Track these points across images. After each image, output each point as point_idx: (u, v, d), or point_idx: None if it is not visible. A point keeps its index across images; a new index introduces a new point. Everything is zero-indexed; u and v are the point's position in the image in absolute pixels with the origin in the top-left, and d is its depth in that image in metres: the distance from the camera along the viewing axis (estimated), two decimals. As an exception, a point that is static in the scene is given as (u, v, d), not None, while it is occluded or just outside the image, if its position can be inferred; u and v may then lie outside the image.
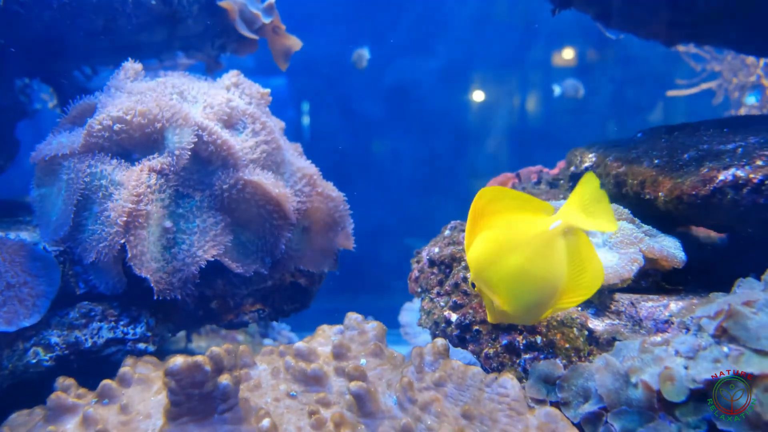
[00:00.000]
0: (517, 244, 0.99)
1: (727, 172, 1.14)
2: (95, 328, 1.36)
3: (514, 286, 1.01)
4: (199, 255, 1.38)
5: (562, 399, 1.05)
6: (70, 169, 1.36)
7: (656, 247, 1.20)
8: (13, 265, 1.32)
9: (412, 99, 4.80)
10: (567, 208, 0.97)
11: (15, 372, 1.28)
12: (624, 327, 1.14)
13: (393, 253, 4.47)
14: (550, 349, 1.14)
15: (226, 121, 1.50)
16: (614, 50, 4.63)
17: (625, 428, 0.94)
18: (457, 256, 1.42)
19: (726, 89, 3.54)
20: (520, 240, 0.99)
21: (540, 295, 1.00)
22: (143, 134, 1.39)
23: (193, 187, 1.43)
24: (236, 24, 1.97)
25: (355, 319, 1.30)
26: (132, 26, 1.76)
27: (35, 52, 1.87)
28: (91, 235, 1.33)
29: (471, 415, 1.04)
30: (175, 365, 0.93)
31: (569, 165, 1.74)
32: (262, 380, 1.19)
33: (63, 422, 1.10)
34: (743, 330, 0.91)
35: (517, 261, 0.99)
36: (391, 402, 1.09)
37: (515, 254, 0.99)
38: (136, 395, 1.16)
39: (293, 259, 1.62)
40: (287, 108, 4.69)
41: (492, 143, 4.88)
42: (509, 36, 4.87)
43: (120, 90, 1.50)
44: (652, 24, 2.04)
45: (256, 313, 1.62)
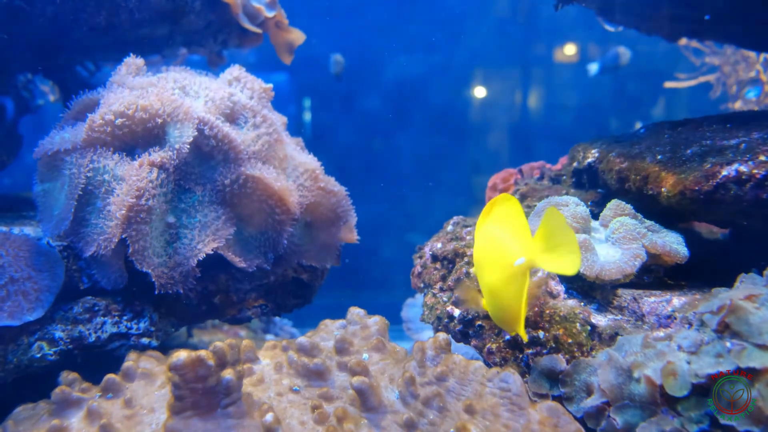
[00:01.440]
0: (494, 264, 1.05)
1: (731, 168, 1.14)
2: (99, 322, 1.37)
3: (488, 298, 1.09)
4: (198, 248, 1.38)
5: (564, 394, 1.06)
6: (72, 164, 1.37)
7: (659, 242, 1.19)
8: (17, 260, 1.32)
9: (414, 95, 4.80)
10: (532, 246, 0.99)
11: (19, 366, 1.29)
12: (627, 322, 1.14)
13: (395, 249, 4.47)
14: (552, 344, 1.15)
15: (228, 115, 1.50)
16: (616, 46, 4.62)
17: (628, 423, 0.94)
18: (460, 251, 1.42)
19: (724, 83, 3.53)
20: (496, 262, 1.04)
21: (505, 314, 1.05)
22: (145, 129, 1.39)
23: (195, 181, 1.43)
24: (239, 18, 1.96)
25: (357, 314, 1.30)
26: (134, 21, 1.76)
27: (38, 47, 1.87)
28: (92, 230, 1.33)
29: (473, 410, 1.04)
30: (179, 360, 0.93)
31: (572, 161, 1.74)
32: (265, 375, 1.19)
33: (67, 416, 1.11)
34: (745, 325, 0.91)
35: (491, 279, 1.05)
36: (393, 396, 1.09)
37: (491, 272, 1.05)
38: (139, 389, 1.17)
39: (296, 254, 1.63)
40: (289, 104, 4.68)
41: (493, 139, 4.87)
42: (511, 32, 4.86)
43: (122, 85, 1.50)
44: (655, 18, 2.03)
45: (259, 308, 1.63)
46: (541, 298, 1.21)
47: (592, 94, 4.77)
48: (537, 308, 1.20)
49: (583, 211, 1.29)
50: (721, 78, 3.48)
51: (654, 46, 4.30)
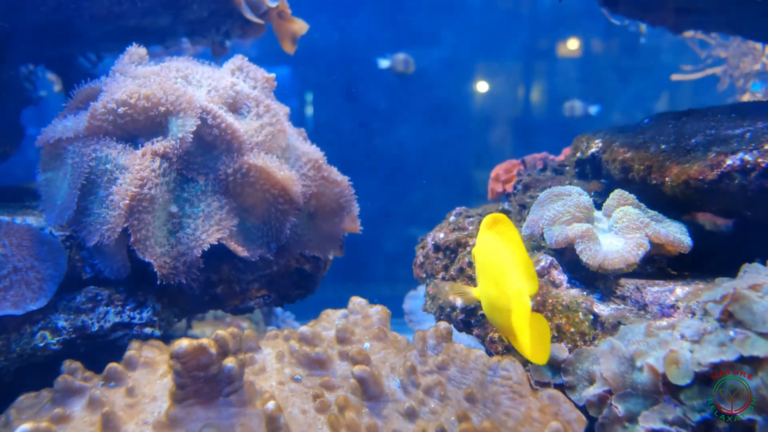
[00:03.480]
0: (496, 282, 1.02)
1: (735, 157, 1.14)
2: (102, 312, 1.37)
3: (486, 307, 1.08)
4: (202, 238, 1.38)
5: (566, 382, 1.06)
6: (74, 153, 1.36)
7: (662, 232, 1.19)
8: (20, 249, 1.33)
9: (416, 88, 4.78)
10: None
11: (23, 355, 1.29)
12: (629, 311, 1.13)
13: (397, 242, 4.47)
14: (555, 333, 1.14)
15: (231, 104, 1.50)
16: (619, 39, 4.60)
17: (630, 411, 0.94)
18: (462, 241, 1.42)
19: (731, 75, 3.51)
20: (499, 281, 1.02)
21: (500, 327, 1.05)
22: (147, 118, 1.39)
23: (198, 171, 1.42)
24: (241, 8, 1.95)
25: (359, 304, 1.30)
26: (137, 11, 1.76)
27: (40, 37, 1.86)
28: (95, 219, 1.33)
29: (474, 398, 1.04)
30: (181, 348, 0.93)
31: (575, 151, 1.73)
32: (267, 364, 1.19)
33: (70, 404, 1.11)
34: (749, 314, 0.91)
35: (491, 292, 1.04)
36: (394, 385, 1.09)
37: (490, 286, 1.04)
38: (142, 378, 1.17)
39: (299, 245, 1.62)
40: (291, 97, 4.68)
41: (496, 132, 4.86)
42: (514, 25, 4.84)
43: (124, 74, 1.49)
44: (660, 10, 2.02)
45: (262, 298, 1.63)
46: (543, 287, 1.21)
47: (595, 88, 4.75)
48: (540, 297, 1.19)
49: (586, 201, 1.29)
50: (727, 70, 3.46)
51: (659, 39, 4.28)
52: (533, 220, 1.33)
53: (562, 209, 1.27)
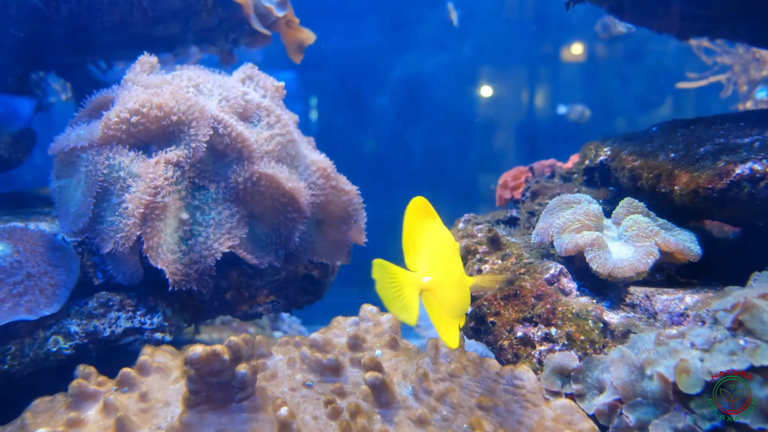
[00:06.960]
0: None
1: (744, 166, 1.14)
2: (113, 317, 1.38)
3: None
4: (215, 247, 1.39)
5: (576, 391, 1.06)
6: (88, 161, 1.38)
7: (672, 240, 1.20)
8: (34, 255, 1.34)
9: (422, 93, 4.80)
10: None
11: (36, 360, 1.30)
12: (639, 320, 1.14)
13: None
14: (565, 341, 1.15)
15: (242, 113, 1.51)
16: (624, 45, 4.61)
17: (640, 420, 0.95)
18: (472, 248, 1.43)
19: (735, 83, 3.51)
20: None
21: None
22: (160, 127, 1.40)
23: (209, 179, 1.44)
24: (250, 19, 1.97)
25: (370, 311, 1.31)
26: (148, 19, 1.78)
27: (52, 45, 1.88)
28: (109, 226, 1.34)
29: (486, 406, 1.05)
30: (195, 354, 0.94)
31: (584, 159, 1.74)
32: (279, 370, 1.20)
33: (84, 409, 1.12)
34: (760, 323, 0.91)
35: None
36: (406, 392, 1.10)
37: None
38: (155, 383, 1.18)
39: (307, 252, 1.64)
40: (296, 102, 4.69)
41: (502, 138, 4.87)
42: (519, 31, 4.85)
43: (136, 83, 1.51)
44: (666, 17, 2.03)
45: (270, 304, 1.64)
46: (553, 295, 1.22)
47: (599, 94, 4.75)
48: (549, 305, 1.20)
49: (595, 209, 1.29)
50: (732, 77, 3.46)
51: (664, 45, 4.29)
52: (543, 227, 1.33)
53: (571, 217, 1.28)
